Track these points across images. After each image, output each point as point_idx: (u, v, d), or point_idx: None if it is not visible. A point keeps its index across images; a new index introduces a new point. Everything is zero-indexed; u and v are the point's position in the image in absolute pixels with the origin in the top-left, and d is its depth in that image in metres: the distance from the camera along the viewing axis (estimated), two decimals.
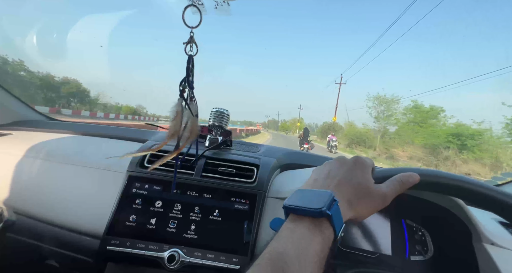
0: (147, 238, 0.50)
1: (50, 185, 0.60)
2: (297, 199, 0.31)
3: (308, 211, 0.28)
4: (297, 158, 0.77)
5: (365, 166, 0.35)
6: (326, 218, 0.28)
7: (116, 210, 0.53)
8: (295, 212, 0.30)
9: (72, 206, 0.57)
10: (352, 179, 0.33)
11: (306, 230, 0.28)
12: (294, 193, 0.32)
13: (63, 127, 0.88)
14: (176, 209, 0.53)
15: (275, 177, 0.64)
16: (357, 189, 0.32)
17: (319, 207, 0.28)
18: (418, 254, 0.58)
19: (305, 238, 0.27)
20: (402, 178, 0.33)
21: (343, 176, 0.34)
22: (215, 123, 0.69)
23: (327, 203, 0.28)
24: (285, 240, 0.27)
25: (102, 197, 0.56)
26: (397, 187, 0.33)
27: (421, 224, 0.61)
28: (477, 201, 0.33)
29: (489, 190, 0.31)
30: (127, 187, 0.55)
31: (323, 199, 0.29)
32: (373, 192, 0.32)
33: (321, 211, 0.27)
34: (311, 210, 0.28)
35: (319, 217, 0.28)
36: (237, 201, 0.55)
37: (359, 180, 0.33)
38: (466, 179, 0.32)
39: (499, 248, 0.46)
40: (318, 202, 0.29)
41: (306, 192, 0.32)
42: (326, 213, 0.27)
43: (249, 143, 0.85)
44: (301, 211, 0.29)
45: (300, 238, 0.27)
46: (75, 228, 0.55)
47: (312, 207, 0.28)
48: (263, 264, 0.25)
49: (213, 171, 0.59)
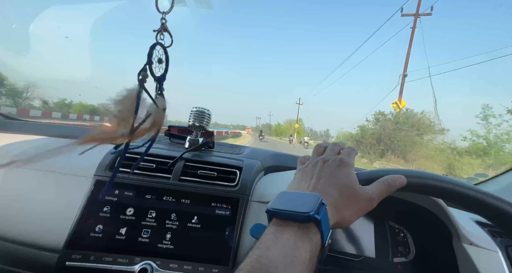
0: (116, 251, 0.45)
1: (1, 194, 0.52)
2: (282, 202, 0.28)
3: (294, 216, 0.26)
4: (282, 160, 0.75)
5: (350, 165, 0.33)
6: (314, 223, 0.26)
7: (80, 219, 0.47)
8: (279, 216, 0.27)
9: (29, 217, 0.50)
10: (337, 180, 0.31)
11: (292, 237, 0.25)
12: (278, 196, 0.30)
13: (18, 127, 0.78)
14: (150, 217, 0.48)
15: (259, 180, 0.62)
16: (343, 191, 0.30)
17: (306, 211, 0.25)
18: (401, 256, 0.59)
19: (292, 245, 0.24)
20: (389, 180, 0.32)
21: (328, 177, 0.31)
22: (195, 124, 0.65)
23: (315, 207, 0.26)
24: (269, 248, 0.24)
25: (64, 205, 0.50)
26: (384, 190, 0.31)
27: (402, 225, 0.62)
28: (466, 204, 0.32)
29: (480, 194, 0.31)
30: (94, 193, 0.49)
31: (311, 202, 0.26)
32: (359, 195, 0.30)
33: (309, 216, 0.25)
34: (298, 214, 0.26)
35: (307, 222, 0.26)
36: (218, 206, 0.51)
37: (345, 182, 0.31)
38: (454, 181, 0.32)
39: (478, 248, 0.47)
40: (305, 206, 0.26)
41: (291, 194, 0.30)
42: (315, 217, 0.25)
43: (233, 145, 0.82)
44: (287, 215, 0.26)
45: (285, 245, 0.24)
46: (33, 242, 0.48)
47: (299, 211, 0.26)
48: None
49: (193, 174, 0.55)
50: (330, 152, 0.37)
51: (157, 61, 0.32)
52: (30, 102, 27.48)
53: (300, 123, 51.26)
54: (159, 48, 0.32)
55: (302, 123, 55.92)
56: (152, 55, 0.31)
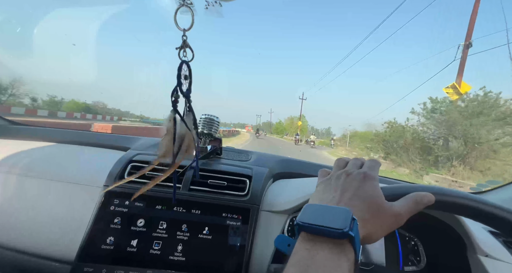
0: (127, 263, 0.45)
1: (12, 203, 0.52)
2: (311, 216, 0.27)
3: (327, 231, 0.25)
4: (290, 166, 0.74)
5: (375, 178, 0.32)
6: (347, 239, 0.25)
7: (91, 231, 0.46)
8: (311, 231, 0.26)
9: (39, 227, 0.49)
10: (363, 193, 0.30)
11: (329, 254, 0.24)
12: (304, 208, 0.29)
13: (29, 133, 0.78)
14: (161, 228, 0.48)
15: (268, 188, 0.61)
16: (369, 205, 0.29)
17: (340, 227, 0.24)
18: (412, 265, 0.58)
19: (330, 263, 0.23)
20: (417, 197, 0.31)
21: (354, 190, 0.30)
22: (204, 131, 0.64)
23: (348, 223, 0.25)
24: (309, 266, 0.23)
25: (74, 216, 0.50)
26: (412, 207, 0.30)
27: (413, 233, 0.61)
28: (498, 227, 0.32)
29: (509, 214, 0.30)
30: (104, 204, 0.49)
31: (342, 217, 0.25)
32: (386, 210, 0.29)
33: (344, 232, 0.24)
34: (332, 230, 0.25)
35: (341, 238, 0.25)
36: (229, 216, 0.51)
37: (371, 195, 0.30)
38: (484, 201, 0.31)
39: (493, 260, 0.46)
40: (337, 221, 0.25)
41: (320, 208, 0.29)
42: (349, 234, 0.24)
43: (240, 150, 0.81)
44: (320, 231, 0.25)
45: (324, 263, 0.23)
46: (42, 253, 0.48)
47: (332, 227, 0.25)
48: None
49: (203, 183, 0.55)
50: (352, 166, 0.36)
51: (183, 78, 0.32)
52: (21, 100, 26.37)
53: (303, 120, 47.16)
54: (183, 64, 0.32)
55: (305, 120, 52.00)
56: (180, 76, 0.31)
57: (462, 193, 0.32)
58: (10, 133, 0.77)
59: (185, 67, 0.32)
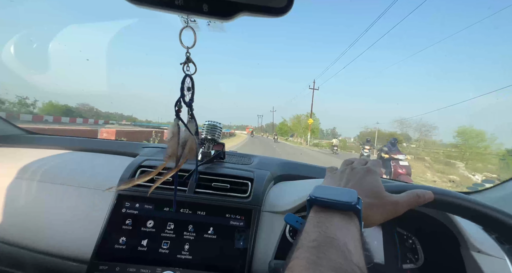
0: (139, 261, 0.48)
1: (32, 207, 0.56)
2: (322, 192, 0.31)
3: (338, 204, 0.28)
4: (291, 169, 0.77)
5: (376, 173, 0.36)
6: (354, 212, 0.28)
7: (105, 232, 0.50)
8: (322, 204, 0.30)
9: (57, 229, 0.53)
10: (365, 183, 0.34)
11: (342, 220, 0.28)
12: (316, 188, 0.32)
13: (45, 142, 0.83)
14: (168, 229, 0.51)
15: (270, 190, 0.64)
16: (369, 194, 0.33)
17: (350, 201, 0.28)
18: (410, 262, 0.60)
19: (344, 226, 0.27)
20: (418, 192, 0.34)
21: (356, 181, 0.35)
22: (207, 137, 0.68)
23: (355, 198, 0.28)
24: (328, 227, 0.26)
25: (89, 218, 0.53)
26: (412, 200, 0.33)
27: (410, 232, 0.63)
28: (492, 227, 0.35)
29: (506, 216, 0.33)
30: (116, 207, 0.53)
31: (350, 195, 0.29)
32: (385, 198, 0.33)
33: (352, 205, 0.28)
34: (342, 202, 0.28)
35: (349, 211, 0.28)
36: (232, 217, 0.54)
37: (372, 186, 0.34)
38: (480, 203, 0.34)
39: (486, 256, 0.48)
40: (346, 197, 0.29)
41: (329, 188, 0.32)
42: (357, 207, 0.28)
43: (242, 154, 0.84)
44: (331, 203, 0.29)
45: (341, 226, 0.27)
46: (60, 253, 0.52)
47: (342, 200, 0.28)
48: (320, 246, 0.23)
49: (207, 186, 0.58)
50: (357, 163, 0.40)
51: (186, 90, 0.36)
52: None
53: (314, 118, 35.16)
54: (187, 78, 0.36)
55: (316, 118, 39.53)
56: (183, 88, 0.35)
57: (455, 193, 0.35)
58: (27, 142, 0.82)
59: (188, 79, 0.36)
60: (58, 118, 33.51)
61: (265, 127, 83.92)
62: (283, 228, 0.54)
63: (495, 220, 0.34)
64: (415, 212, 0.56)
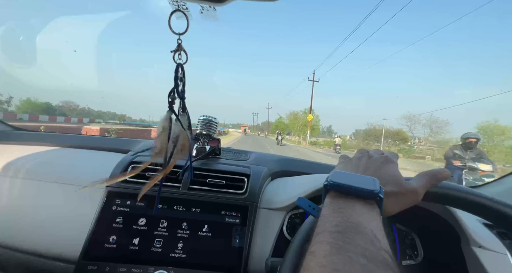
0: (130, 261, 0.46)
1: (17, 206, 0.54)
2: (342, 178, 0.28)
3: (360, 191, 0.26)
4: (288, 165, 0.75)
5: (395, 162, 0.34)
6: (376, 202, 0.26)
7: (94, 230, 0.48)
8: (342, 190, 0.27)
9: (43, 228, 0.51)
10: (383, 172, 0.32)
11: (364, 208, 0.25)
12: (335, 173, 0.30)
13: (34, 138, 0.80)
14: (161, 226, 0.49)
15: (266, 186, 0.62)
16: (389, 182, 0.31)
17: (372, 189, 0.26)
18: (409, 259, 0.59)
19: (368, 215, 0.25)
20: (431, 172, 0.32)
21: (374, 169, 0.33)
22: (202, 132, 0.66)
23: (377, 186, 0.26)
24: (350, 215, 0.24)
25: (77, 216, 0.51)
26: (428, 181, 0.32)
27: (410, 227, 0.62)
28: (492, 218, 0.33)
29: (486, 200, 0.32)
30: (106, 204, 0.50)
31: (372, 182, 0.27)
32: (405, 187, 0.31)
33: (375, 193, 0.25)
34: (364, 190, 0.26)
35: (371, 199, 0.26)
36: (227, 214, 0.52)
37: (392, 175, 0.32)
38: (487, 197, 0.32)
39: (487, 251, 0.47)
40: (368, 184, 0.26)
41: (348, 174, 0.30)
42: (380, 196, 0.26)
43: (239, 150, 0.83)
44: (354, 189, 0.26)
45: (364, 213, 0.24)
46: (46, 253, 0.49)
47: (365, 187, 0.26)
48: (346, 231, 0.21)
49: (201, 183, 0.56)
50: (374, 152, 0.38)
51: (179, 80, 0.33)
52: None
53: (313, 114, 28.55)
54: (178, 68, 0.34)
55: (315, 114, 33.98)
56: (177, 78, 0.33)
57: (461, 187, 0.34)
58: (14, 139, 0.78)
59: (179, 69, 0.34)
60: (36, 116, 31.74)
61: (261, 126, 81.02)
62: (280, 225, 0.52)
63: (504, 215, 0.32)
64: (415, 207, 0.55)
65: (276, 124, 48.92)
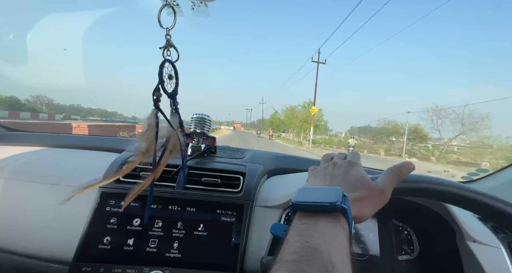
0: (125, 262, 0.45)
1: (9, 207, 0.53)
2: (306, 196, 0.29)
3: (322, 206, 0.26)
4: (284, 163, 0.75)
5: (358, 164, 0.35)
6: (340, 212, 0.26)
7: (88, 231, 0.47)
8: (306, 208, 0.27)
9: (36, 229, 0.50)
10: (350, 176, 0.33)
11: (327, 224, 0.25)
12: (299, 191, 0.30)
13: (27, 139, 0.78)
14: (156, 226, 0.49)
15: (262, 184, 0.62)
16: (357, 186, 0.31)
17: (333, 201, 0.26)
18: (405, 254, 0.59)
19: (332, 232, 0.25)
20: (396, 167, 0.33)
21: (342, 175, 0.33)
22: (196, 130, 0.65)
23: (340, 197, 0.26)
24: (311, 235, 0.24)
25: (71, 217, 0.50)
26: (393, 177, 0.32)
27: (406, 223, 0.62)
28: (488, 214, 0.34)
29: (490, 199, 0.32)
30: (100, 205, 0.50)
31: (334, 194, 0.27)
32: (372, 188, 0.31)
33: (336, 205, 0.26)
34: (325, 204, 0.26)
35: (334, 212, 0.26)
36: (223, 213, 0.52)
37: (357, 177, 0.32)
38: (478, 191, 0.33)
39: (481, 245, 0.47)
40: (330, 197, 0.27)
41: (312, 189, 0.30)
42: (342, 206, 0.26)
43: (234, 148, 0.82)
44: (314, 206, 0.27)
45: (326, 232, 0.24)
46: (39, 255, 0.49)
47: (326, 201, 0.26)
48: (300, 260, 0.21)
49: (197, 182, 0.55)
50: (338, 158, 0.39)
51: (168, 78, 0.32)
52: None
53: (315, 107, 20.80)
54: (168, 65, 0.32)
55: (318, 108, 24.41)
56: (162, 73, 0.31)
57: (452, 183, 0.34)
58: (7, 140, 0.77)
59: (170, 66, 0.32)
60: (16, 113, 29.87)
61: (256, 123, 75.73)
62: None
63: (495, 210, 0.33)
64: (410, 203, 0.56)
65: (271, 120, 42.07)
